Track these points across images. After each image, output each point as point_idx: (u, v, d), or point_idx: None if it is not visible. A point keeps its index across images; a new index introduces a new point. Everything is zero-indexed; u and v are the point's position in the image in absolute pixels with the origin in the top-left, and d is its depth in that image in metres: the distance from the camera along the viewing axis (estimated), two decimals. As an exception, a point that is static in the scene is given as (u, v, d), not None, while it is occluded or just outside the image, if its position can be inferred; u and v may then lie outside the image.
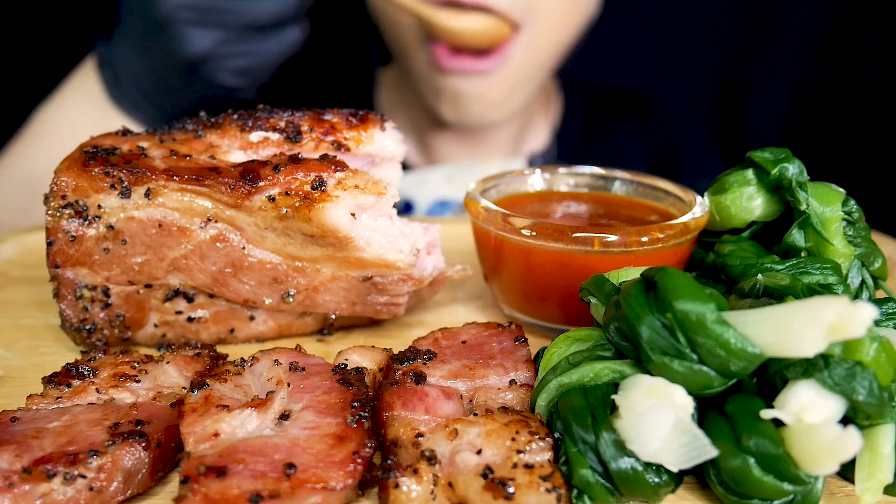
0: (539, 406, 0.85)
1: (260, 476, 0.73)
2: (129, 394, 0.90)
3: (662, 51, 2.83)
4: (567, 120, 2.29)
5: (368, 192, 1.01)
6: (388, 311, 1.11)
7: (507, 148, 2.18)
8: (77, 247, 1.01)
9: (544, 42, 1.89)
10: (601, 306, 0.91)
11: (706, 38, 2.81)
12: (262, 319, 1.12)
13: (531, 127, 2.23)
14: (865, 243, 1.03)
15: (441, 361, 0.95)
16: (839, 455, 0.71)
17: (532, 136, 2.24)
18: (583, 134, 2.28)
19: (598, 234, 1.05)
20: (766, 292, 0.87)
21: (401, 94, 2.18)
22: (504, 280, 1.16)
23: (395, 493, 0.74)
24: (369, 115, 1.10)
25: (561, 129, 2.27)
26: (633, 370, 0.81)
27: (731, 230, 1.10)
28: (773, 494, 0.75)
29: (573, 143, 2.25)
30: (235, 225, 1.02)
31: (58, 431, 0.80)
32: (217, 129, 1.07)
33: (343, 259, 1.05)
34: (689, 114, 2.60)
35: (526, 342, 0.99)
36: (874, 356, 0.76)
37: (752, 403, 0.77)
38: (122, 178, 0.99)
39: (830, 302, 0.72)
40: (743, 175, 1.08)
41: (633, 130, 2.33)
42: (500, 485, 0.73)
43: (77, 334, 1.06)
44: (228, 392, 0.87)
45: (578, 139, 2.27)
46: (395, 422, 0.83)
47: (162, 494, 0.82)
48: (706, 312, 0.75)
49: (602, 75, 2.66)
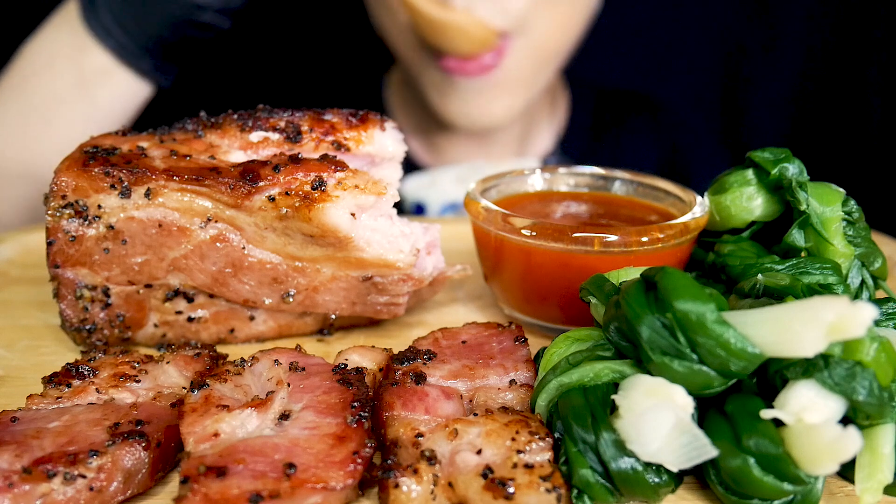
0: (539, 406, 0.85)
1: (260, 476, 0.73)
2: (129, 394, 0.90)
3: (663, 50, 2.83)
4: (574, 121, 2.28)
5: (368, 192, 1.01)
6: (388, 311, 1.12)
7: (513, 148, 2.18)
8: (77, 247, 1.01)
9: (544, 44, 1.89)
10: (601, 306, 0.91)
11: (707, 37, 2.81)
12: (262, 319, 1.12)
13: (537, 128, 2.23)
14: (865, 243, 1.03)
15: (441, 361, 0.95)
16: (839, 455, 0.71)
17: (538, 138, 2.24)
18: (591, 135, 2.27)
19: (598, 234, 1.05)
20: (766, 292, 0.87)
21: (407, 95, 2.19)
22: (504, 280, 1.16)
23: (395, 493, 0.74)
24: (369, 115, 1.10)
25: (568, 131, 2.26)
26: (633, 370, 0.81)
27: (731, 230, 1.10)
28: (773, 494, 0.75)
29: (581, 145, 2.25)
30: (235, 225, 1.02)
31: (58, 431, 0.80)
32: (217, 129, 1.07)
33: (343, 259, 1.05)
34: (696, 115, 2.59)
35: (526, 342, 0.99)
36: (874, 356, 0.76)
37: (752, 403, 0.77)
38: (122, 178, 0.99)
39: (830, 302, 0.72)
40: (743, 175, 1.08)
41: (642, 132, 2.32)
42: (500, 485, 0.73)
43: (77, 334, 1.06)
44: (228, 392, 0.87)
45: (587, 140, 2.26)
46: (395, 422, 0.83)
47: (162, 494, 0.82)
48: (706, 312, 0.75)
49: (604, 74, 2.66)
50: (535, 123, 2.22)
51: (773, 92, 2.81)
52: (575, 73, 2.32)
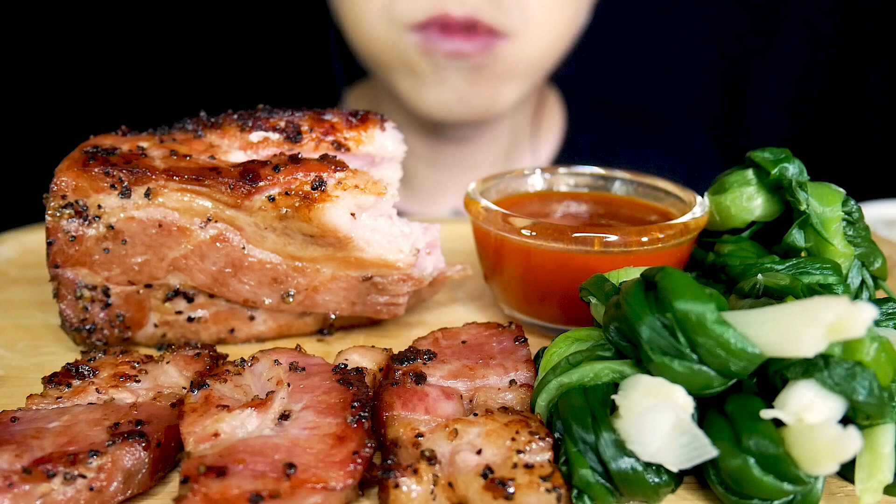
0: (539, 406, 0.85)
1: (260, 476, 0.73)
2: (129, 394, 0.90)
3: (663, 51, 2.83)
4: (573, 139, 2.21)
5: (368, 192, 1.01)
6: (388, 311, 1.11)
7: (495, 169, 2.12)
8: (77, 247, 1.01)
9: (537, 47, 1.84)
10: (601, 306, 0.91)
11: (707, 38, 2.81)
12: (262, 319, 1.12)
13: (520, 148, 2.16)
14: (865, 243, 1.03)
15: (441, 361, 0.95)
16: (839, 455, 0.71)
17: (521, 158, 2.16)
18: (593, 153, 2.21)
19: (598, 234, 1.05)
20: (766, 292, 0.87)
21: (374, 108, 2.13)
22: (504, 280, 1.16)
23: (395, 493, 0.74)
24: (369, 114, 1.10)
25: (566, 148, 2.20)
26: (633, 370, 0.81)
27: (731, 230, 1.10)
28: (773, 494, 0.75)
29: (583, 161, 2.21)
30: (235, 225, 1.02)
31: (58, 431, 0.80)
32: (217, 129, 1.07)
33: (343, 259, 1.05)
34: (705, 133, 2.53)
35: (526, 342, 0.99)
36: (874, 356, 0.76)
37: (752, 403, 0.77)
38: (122, 178, 0.99)
39: (830, 302, 0.72)
40: (743, 175, 1.08)
41: (650, 149, 2.27)
42: (500, 485, 0.73)
43: (77, 334, 1.06)
44: (228, 392, 0.87)
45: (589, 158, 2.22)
46: (395, 422, 0.83)
47: (162, 494, 0.82)
48: (706, 312, 0.75)
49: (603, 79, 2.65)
50: (519, 143, 2.14)
51: (773, 92, 2.81)
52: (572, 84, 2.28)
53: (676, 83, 2.85)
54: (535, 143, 2.20)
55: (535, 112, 2.19)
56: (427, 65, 1.80)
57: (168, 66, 2.54)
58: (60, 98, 2.48)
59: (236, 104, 1.13)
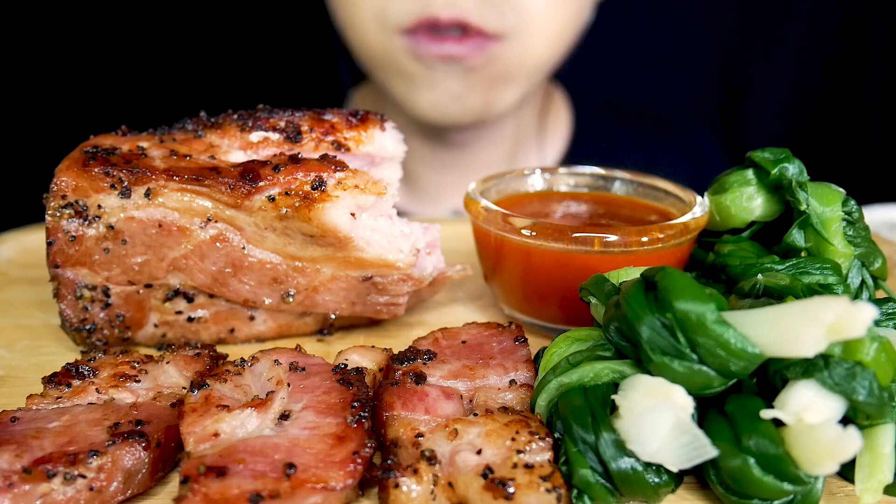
0: (539, 406, 0.85)
1: (260, 476, 0.73)
2: (129, 394, 0.90)
3: (663, 51, 2.83)
4: (580, 141, 2.19)
5: (368, 192, 1.01)
6: (388, 311, 1.11)
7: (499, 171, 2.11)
8: (77, 247, 1.01)
9: (536, 48, 1.83)
10: (601, 306, 0.91)
11: (707, 38, 2.81)
12: (262, 319, 1.12)
13: (526, 150, 2.14)
14: (865, 243, 1.03)
15: (441, 361, 0.95)
16: (839, 455, 0.71)
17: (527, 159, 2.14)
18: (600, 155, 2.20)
19: (598, 234, 1.05)
20: (766, 292, 0.87)
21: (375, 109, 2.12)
22: (504, 280, 1.16)
23: (395, 493, 0.74)
24: (369, 114, 1.10)
25: (572, 150, 2.17)
26: (633, 370, 0.81)
27: (731, 230, 1.10)
28: (773, 494, 0.75)
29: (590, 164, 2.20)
30: (235, 225, 1.02)
31: (58, 431, 0.80)
32: (217, 129, 1.07)
33: (343, 259, 1.05)
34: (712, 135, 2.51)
35: (526, 342, 0.99)
36: (874, 356, 0.76)
37: (752, 403, 0.77)
38: (122, 178, 0.99)
39: (830, 302, 0.72)
40: (743, 175, 1.08)
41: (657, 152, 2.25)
42: (500, 485, 0.73)
43: (77, 334, 1.06)
44: (228, 392, 0.87)
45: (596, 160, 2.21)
46: (395, 422, 0.83)
47: (162, 494, 0.82)
48: (706, 312, 0.75)
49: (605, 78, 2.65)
50: (522, 146, 2.12)
51: (773, 92, 2.81)
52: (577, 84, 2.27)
53: (677, 83, 2.85)
54: (541, 145, 2.19)
55: (540, 113, 2.18)
56: (418, 68, 1.80)
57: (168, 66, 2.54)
58: (60, 98, 2.48)
59: (240, 105, 1.13)
